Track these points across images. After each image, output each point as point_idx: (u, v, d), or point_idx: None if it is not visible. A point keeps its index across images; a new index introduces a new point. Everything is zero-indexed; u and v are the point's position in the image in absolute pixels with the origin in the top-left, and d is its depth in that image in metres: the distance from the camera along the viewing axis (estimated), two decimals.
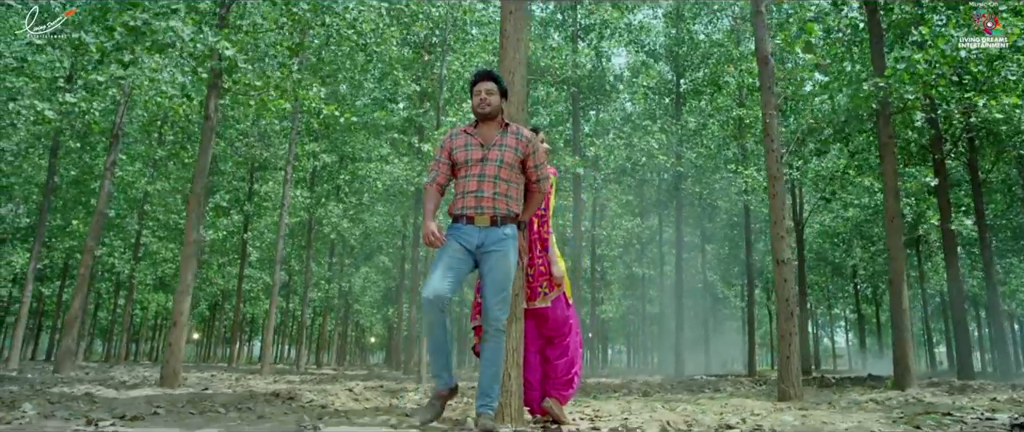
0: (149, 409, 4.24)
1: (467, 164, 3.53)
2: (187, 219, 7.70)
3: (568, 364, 3.91)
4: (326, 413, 4.37)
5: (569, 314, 3.90)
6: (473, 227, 3.47)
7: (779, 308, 6.16)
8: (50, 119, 10.48)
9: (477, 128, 3.63)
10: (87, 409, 4.07)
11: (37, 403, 4.04)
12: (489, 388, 3.39)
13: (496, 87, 3.58)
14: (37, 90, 11.75)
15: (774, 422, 4.14)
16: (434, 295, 3.27)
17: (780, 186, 6.37)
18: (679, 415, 4.24)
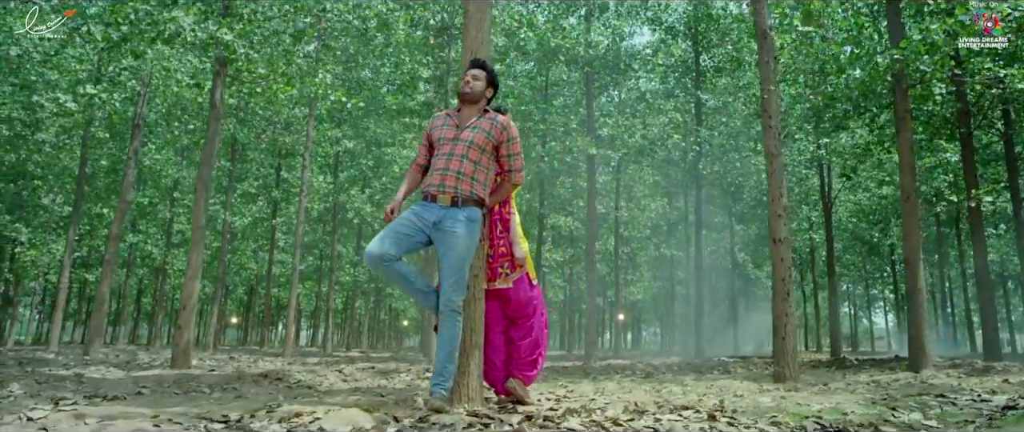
0: (134, 389, 4.37)
1: (440, 142, 3.61)
2: (194, 205, 7.88)
3: (532, 345, 3.90)
4: (305, 392, 4.45)
5: (532, 295, 3.89)
6: (435, 205, 3.50)
7: (775, 288, 6.03)
8: (72, 111, 10.81)
9: (459, 111, 3.68)
10: (73, 389, 4.22)
11: (25, 384, 4.21)
12: (443, 368, 3.41)
13: (483, 74, 3.69)
14: (70, 83, 12.10)
15: (747, 403, 4.08)
16: (370, 254, 3.38)
17: (777, 164, 6.21)
18: (651, 397, 4.20)
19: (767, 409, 3.78)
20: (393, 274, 3.43)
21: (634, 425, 2.96)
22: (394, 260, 3.39)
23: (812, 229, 19.63)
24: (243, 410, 3.16)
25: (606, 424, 3.02)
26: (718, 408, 3.55)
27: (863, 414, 3.63)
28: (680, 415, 3.28)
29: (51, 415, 2.98)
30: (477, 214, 3.53)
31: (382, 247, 3.35)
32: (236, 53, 7.28)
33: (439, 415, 3.11)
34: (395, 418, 2.96)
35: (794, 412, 3.55)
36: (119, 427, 2.79)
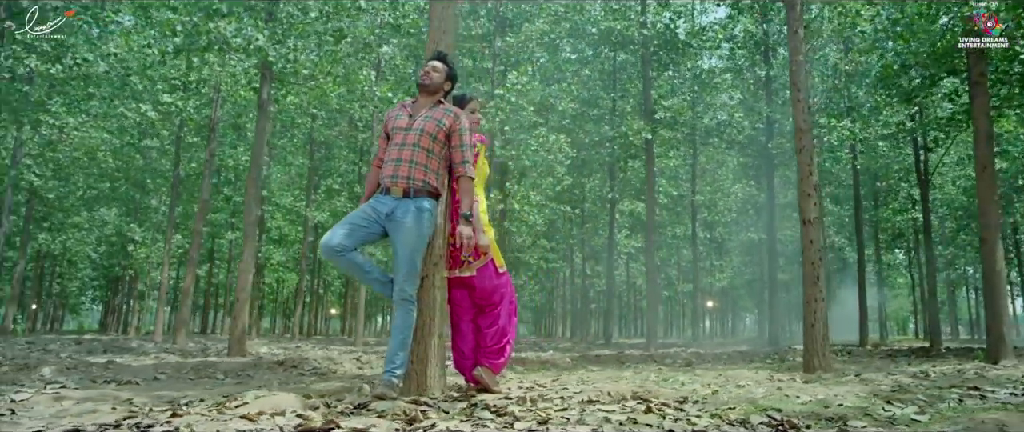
0: (152, 375, 4.71)
1: (394, 132, 3.65)
2: (246, 200, 8.34)
3: (498, 333, 3.88)
4: (311, 378, 4.63)
5: (499, 283, 3.86)
6: (389, 196, 3.54)
7: (805, 272, 5.67)
8: (152, 118, 11.69)
9: (415, 102, 3.72)
10: (97, 374, 4.60)
11: (57, 368, 4.65)
12: (393, 355, 3.46)
13: (443, 68, 3.72)
14: (152, 93, 13.09)
15: (731, 395, 3.87)
16: (323, 245, 3.46)
17: (807, 139, 5.81)
18: (630, 387, 4.07)
19: (740, 400, 3.57)
20: (347, 264, 3.50)
21: (566, 415, 2.89)
22: (348, 250, 3.46)
23: (915, 208, 18.23)
24: (204, 395, 3.34)
25: (545, 412, 2.97)
26: (684, 400, 3.39)
27: (846, 407, 3.36)
28: (623, 406, 3.17)
29: (32, 397, 3.28)
30: (428, 204, 3.54)
31: (336, 238, 3.43)
32: (271, 57, 7.64)
33: (381, 401, 3.16)
34: (326, 404, 3.03)
35: (761, 405, 3.33)
36: (82, 408, 3.02)
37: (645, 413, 2.92)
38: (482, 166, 3.98)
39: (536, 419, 2.82)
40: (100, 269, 33.98)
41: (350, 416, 2.76)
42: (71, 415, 2.83)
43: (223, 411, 2.75)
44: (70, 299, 40.19)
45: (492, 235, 3.89)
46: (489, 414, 2.93)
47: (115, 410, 2.96)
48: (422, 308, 3.65)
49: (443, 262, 3.74)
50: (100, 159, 17.04)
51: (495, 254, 3.87)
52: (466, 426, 2.58)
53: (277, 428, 2.25)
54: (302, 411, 2.82)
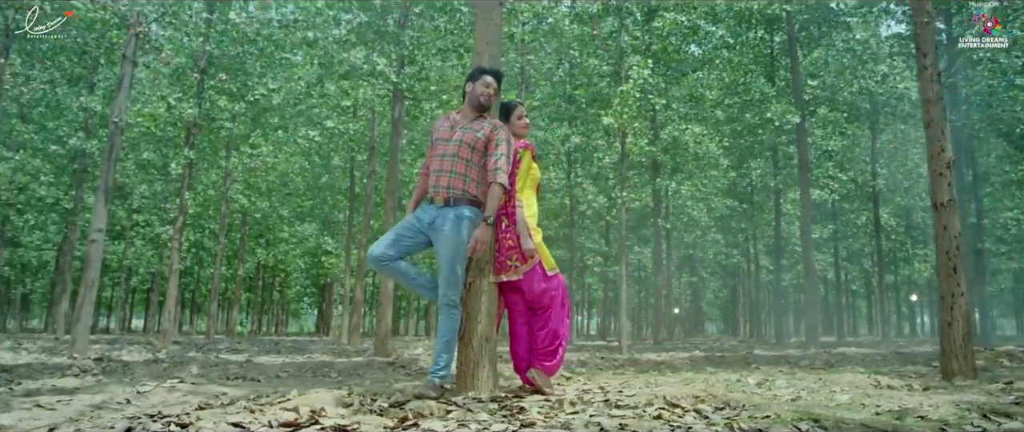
0: (275, 373, 5.34)
1: (436, 144, 3.83)
2: (385, 211, 9.04)
3: (549, 336, 3.89)
4: (408, 377, 4.98)
5: (547, 286, 3.87)
6: (431, 206, 3.74)
7: (939, 262, 4.95)
8: (320, 142, 13.04)
9: (456, 116, 3.90)
10: (235, 372, 5.31)
11: (202, 366, 5.44)
12: (438, 358, 3.63)
13: (498, 88, 3.90)
14: (318, 118, 14.59)
15: (811, 401, 3.53)
16: (370, 256, 3.70)
17: (936, 111, 5.08)
18: (704, 391, 3.87)
19: (789, 406, 3.26)
20: (393, 272, 3.74)
21: (584, 418, 2.86)
22: (392, 260, 3.70)
23: None
24: (281, 390, 3.76)
25: (565, 415, 2.96)
26: (715, 406, 3.19)
27: (924, 421, 2.95)
28: (665, 409, 3.04)
29: (153, 389, 3.90)
30: (468, 212, 3.66)
31: (380, 249, 3.69)
32: (394, 79, 8.23)
33: (418, 401, 3.34)
34: (360, 402, 3.28)
35: (811, 413, 3.02)
36: (175, 398, 3.56)
37: (654, 418, 2.80)
38: (532, 171, 4.02)
39: (549, 422, 2.83)
40: (311, 278, 38.23)
41: (364, 414, 2.97)
42: (162, 405, 3.34)
43: (263, 408, 3.09)
44: (290, 305, 45.81)
45: (539, 239, 3.92)
46: (499, 415, 2.99)
47: (195, 398, 3.45)
48: (469, 312, 3.78)
49: (490, 267, 3.84)
50: (291, 180, 19.28)
51: (544, 257, 3.90)
52: (452, 425, 2.67)
53: (267, 423, 2.50)
54: (333, 408, 3.09)
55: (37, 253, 26.90)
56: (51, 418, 2.98)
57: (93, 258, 7.50)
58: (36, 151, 16.33)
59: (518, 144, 3.95)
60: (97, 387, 4.01)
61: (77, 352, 7.17)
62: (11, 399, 3.60)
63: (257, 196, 20.33)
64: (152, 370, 5.18)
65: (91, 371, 5.04)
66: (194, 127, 12.05)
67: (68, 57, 15.01)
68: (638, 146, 10.20)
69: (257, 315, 37.11)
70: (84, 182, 16.14)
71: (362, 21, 9.35)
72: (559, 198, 21.37)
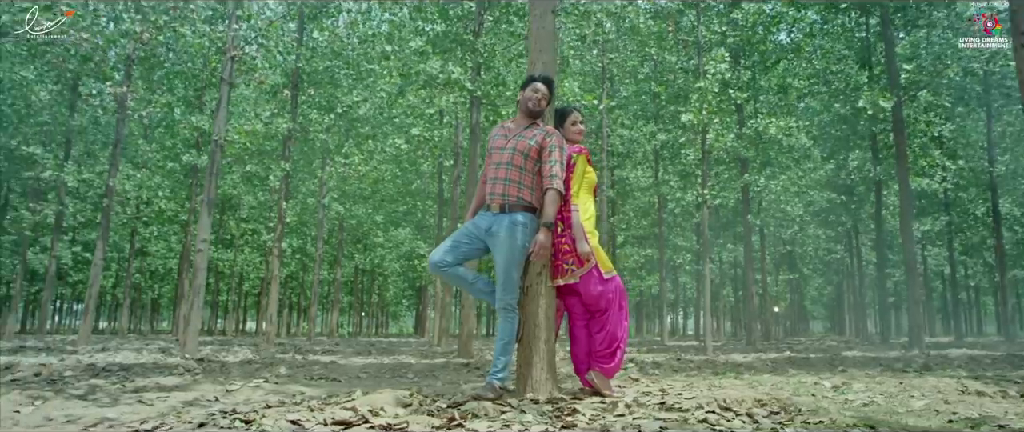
0: (355, 373, 5.63)
1: (491, 153, 3.96)
2: (466, 216, 9.27)
3: (607, 338, 3.91)
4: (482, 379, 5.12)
5: (604, 289, 3.89)
6: (487, 213, 3.86)
7: None
8: (406, 149, 13.51)
9: (511, 124, 4.01)
10: (319, 373, 5.65)
11: (290, 366, 5.80)
12: (496, 360, 3.74)
13: (549, 93, 3.98)
14: (413, 125, 15.10)
15: (877, 407, 3.38)
16: (430, 262, 3.86)
17: None
18: (767, 394, 3.77)
19: (876, 413, 3.13)
20: (451, 277, 3.88)
21: (630, 419, 2.88)
22: (450, 266, 3.84)
23: None
24: (350, 391, 3.99)
25: (609, 418, 2.99)
26: (770, 411, 3.11)
27: (1021, 427, 2.78)
28: (714, 413, 3.01)
29: (240, 388, 4.24)
30: (523, 218, 3.75)
31: (438, 255, 3.84)
32: (469, 87, 8.44)
33: (476, 402, 3.46)
34: (420, 402, 3.43)
35: (873, 419, 2.89)
36: (256, 396, 3.85)
37: (699, 422, 2.77)
38: (587, 174, 4.06)
39: (591, 424, 2.87)
40: (408, 281, 39.52)
41: (419, 414, 3.12)
42: (244, 403, 3.64)
43: (324, 407, 3.30)
44: (389, 307, 47.55)
45: (596, 241, 3.95)
46: (548, 416, 3.05)
47: (269, 396, 3.72)
48: (527, 316, 3.87)
49: (547, 272, 3.91)
50: (383, 187, 20.04)
51: (600, 260, 3.92)
52: (496, 426, 2.76)
53: (323, 421, 2.69)
54: (392, 407, 3.26)
55: (162, 261, 29.33)
56: (148, 413, 3.31)
57: (199, 266, 8.15)
58: (157, 168, 17.84)
59: (572, 149, 4.00)
60: (193, 385, 4.39)
61: (187, 352, 7.81)
62: (120, 395, 4.01)
63: (352, 203, 21.27)
64: (245, 370, 5.58)
65: (192, 371, 5.50)
66: (289, 140, 12.82)
67: (181, 81, 16.32)
68: (720, 142, 9.94)
69: (358, 317, 38.71)
70: (197, 195, 17.48)
71: (438, 31, 9.64)
72: (647, 196, 21.08)
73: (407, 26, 10.56)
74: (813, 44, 12.54)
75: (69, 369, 5.66)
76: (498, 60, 9.24)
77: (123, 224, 21.37)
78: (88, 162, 18.25)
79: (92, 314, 12.33)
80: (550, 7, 4.36)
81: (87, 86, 15.72)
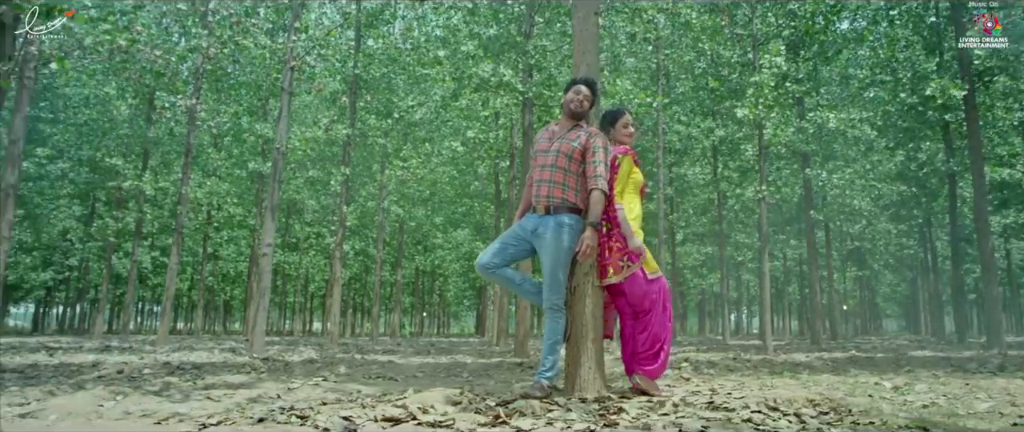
0: (412, 373, 5.79)
1: (536, 155, 4.03)
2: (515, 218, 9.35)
3: (650, 339, 3.91)
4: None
5: (648, 290, 3.90)
6: (533, 215, 3.93)
7: None
8: (461, 152, 13.70)
9: (554, 126, 4.07)
10: (376, 372, 5.84)
11: (349, 365, 6.01)
12: (544, 359, 3.80)
13: (592, 95, 4.02)
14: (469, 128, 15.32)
15: (934, 408, 3.27)
16: (478, 264, 3.96)
17: None
18: (820, 394, 3.70)
19: (934, 414, 3.04)
20: (499, 279, 3.96)
21: (674, 419, 2.89)
22: (498, 267, 3.92)
23: None
24: (397, 390, 4.12)
25: (653, 418, 3.01)
26: (820, 411, 3.06)
27: None
28: (761, 412, 2.98)
29: (301, 386, 4.43)
30: (568, 219, 3.80)
31: (486, 257, 3.92)
32: (520, 89, 8.52)
33: (524, 400, 3.52)
34: (470, 400, 3.52)
35: (930, 420, 2.80)
36: (314, 395, 4.02)
37: (744, 421, 2.76)
38: (633, 175, 4.06)
39: (634, 424, 2.89)
40: (468, 281, 39.98)
41: (468, 412, 3.20)
42: (304, 400, 3.81)
43: (375, 405, 3.43)
44: (450, 307, 48.18)
45: (640, 241, 3.96)
46: (593, 415, 3.09)
47: (326, 394, 3.88)
48: (574, 316, 3.91)
49: (594, 272, 3.94)
50: (441, 189, 20.36)
51: (644, 261, 3.93)
52: (539, 424, 2.82)
53: (373, 418, 2.81)
54: (441, 405, 3.36)
55: (233, 264, 30.58)
56: (214, 408, 3.51)
57: (264, 269, 8.50)
58: (226, 175, 18.64)
59: (618, 150, 4.02)
60: (257, 383, 4.61)
61: (255, 352, 8.17)
62: (191, 391, 4.26)
63: (411, 205, 21.68)
64: (306, 369, 5.81)
65: (258, 369, 5.77)
66: (349, 145, 13.20)
67: (246, 90, 17.01)
68: (777, 137, 9.70)
69: (419, 317, 39.37)
70: (263, 201, 18.18)
71: (490, 35, 9.76)
72: (706, 193, 20.70)
73: (462, 30, 10.73)
74: (878, 31, 12.07)
75: (147, 367, 6.03)
76: (549, 61, 9.29)
77: (196, 229, 22.40)
78: (164, 171, 19.25)
79: (169, 315, 12.99)
80: (593, 9, 4.39)
81: (161, 100, 16.56)
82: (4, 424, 2.96)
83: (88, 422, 3.05)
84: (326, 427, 2.64)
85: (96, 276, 26.65)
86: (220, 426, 2.79)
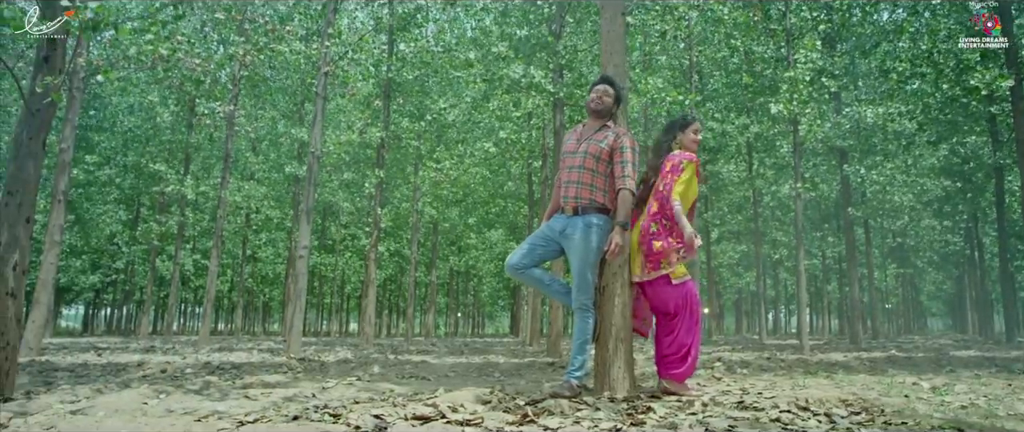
0: (444, 373, 5.87)
1: (564, 157, 4.06)
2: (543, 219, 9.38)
3: (676, 343, 3.90)
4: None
5: (673, 294, 3.87)
6: (562, 215, 3.95)
7: None
8: (493, 153, 13.78)
9: (581, 128, 4.09)
10: (409, 372, 5.93)
11: (382, 365, 6.11)
12: (573, 359, 3.83)
13: (613, 91, 4.02)
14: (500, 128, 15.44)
15: (968, 407, 3.21)
16: (508, 266, 4.00)
17: None
18: (853, 394, 3.66)
19: (971, 415, 2.98)
20: (528, 279, 4.00)
21: (701, 418, 2.90)
22: (527, 268, 3.96)
23: None
24: (428, 390, 4.19)
25: (678, 418, 3.01)
26: (851, 411, 3.02)
27: None
28: (789, 412, 2.96)
29: (336, 386, 4.53)
30: (597, 220, 3.82)
31: (515, 258, 3.96)
32: (550, 89, 8.55)
33: (553, 399, 3.56)
34: (499, 399, 3.56)
35: (962, 421, 2.75)
36: (348, 394, 4.11)
37: (772, 421, 2.74)
38: (693, 186, 4.00)
39: (661, 423, 2.90)
40: (502, 281, 40.08)
41: (497, 411, 3.25)
42: (338, 399, 3.90)
43: (406, 404, 3.50)
44: (485, 307, 48.38)
45: (689, 240, 3.88)
46: (622, 415, 3.10)
47: (358, 393, 3.96)
48: (603, 316, 3.93)
49: (624, 271, 3.94)
50: (474, 190, 20.49)
51: (667, 263, 3.90)
52: (567, 423, 2.84)
53: (403, 416, 2.87)
54: (471, 404, 3.41)
55: (272, 266, 31.21)
56: (251, 407, 3.62)
57: (300, 272, 8.68)
58: (264, 178, 19.06)
59: (684, 155, 3.98)
60: (293, 383, 4.73)
61: (292, 352, 8.35)
62: (230, 390, 4.39)
63: (445, 207, 21.86)
64: (341, 369, 5.93)
65: (294, 369, 5.91)
66: (383, 148, 13.38)
67: (282, 96, 17.36)
68: (812, 133, 9.55)
69: (454, 318, 39.61)
70: (299, 204, 18.53)
71: (520, 36, 9.80)
72: (742, 191, 20.42)
73: (494, 32, 10.79)
74: (919, 22, 11.77)
75: (189, 367, 6.22)
76: (580, 61, 9.30)
77: (235, 232, 22.91)
78: (204, 176, 19.75)
79: (210, 317, 13.34)
80: (620, 9, 4.40)
81: (202, 106, 17.02)
82: (58, 421, 3.11)
83: (133, 419, 3.17)
84: (358, 425, 2.71)
85: (141, 278, 27.45)
86: (256, 424, 2.88)
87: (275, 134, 19.29)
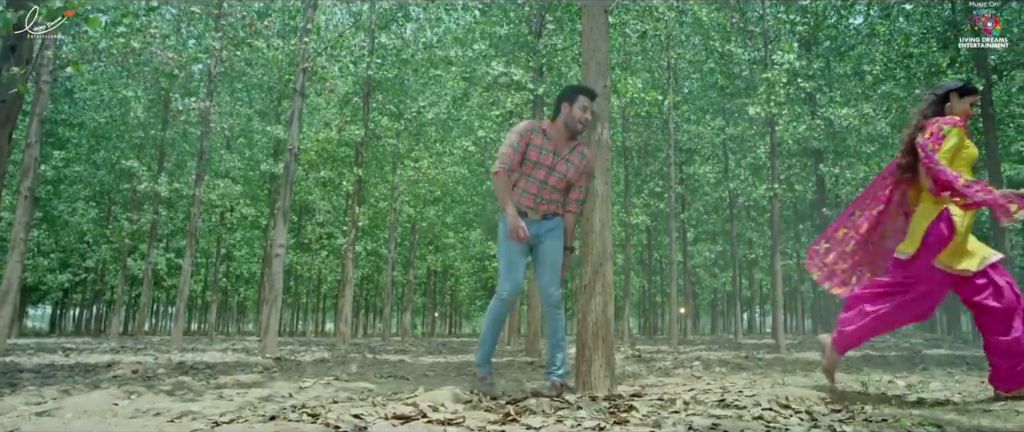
0: (422, 372, 5.81)
1: (535, 166, 3.87)
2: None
3: None
4: None
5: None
6: (529, 220, 3.88)
7: None
8: (472, 151, 13.71)
9: (550, 133, 3.90)
10: (388, 371, 5.86)
11: (360, 363, 6.03)
12: (552, 358, 3.80)
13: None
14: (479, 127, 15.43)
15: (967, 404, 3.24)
16: (513, 297, 3.89)
17: None
18: (831, 390, 3.67)
19: (947, 412, 3.01)
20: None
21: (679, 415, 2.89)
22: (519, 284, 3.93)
23: None
24: (409, 389, 4.13)
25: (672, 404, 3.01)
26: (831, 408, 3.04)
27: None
28: (771, 410, 2.96)
29: (313, 385, 4.46)
30: (560, 221, 3.91)
31: (513, 284, 3.86)
32: (529, 86, 8.52)
33: (534, 398, 3.53)
34: (480, 398, 3.52)
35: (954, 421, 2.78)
36: (327, 393, 4.04)
37: (754, 419, 2.74)
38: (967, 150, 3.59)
39: (643, 421, 2.89)
40: (480, 281, 40.01)
41: (477, 410, 3.21)
42: (315, 399, 3.83)
43: (386, 403, 3.44)
44: (462, 307, 48.27)
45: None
46: (603, 413, 3.09)
47: (334, 392, 3.90)
48: (585, 314, 3.90)
49: (605, 269, 3.93)
50: (453, 189, 20.42)
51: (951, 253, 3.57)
52: (549, 421, 2.82)
53: (384, 416, 2.82)
54: (451, 403, 3.37)
55: (247, 265, 30.80)
56: (226, 407, 3.54)
57: (276, 271, 8.55)
58: (239, 176, 18.77)
59: (945, 120, 3.55)
60: (269, 382, 4.65)
61: (267, 352, 8.22)
62: (204, 390, 4.30)
63: (423, 205, 21.75)
64: (318, 369, 5.85)
65: (270, 369, 5.81)
66: (361, 146, 13.25)
67: (258, 93, 17.12)
68: (789, 133, 9.65)
69: (431, 317, 39.45)
70: (276, 202, 18.29)
71: (500, 34, 9.76)
72: (717, 192, 20.59)
73: (474, 31, 10.73)
74: (891, 26, 11.95)
75: (161, 367, 6.09)
76: (560, 60, 9.28)
77: (210, 230, 22.56)
78: (178, 173, 19.41)
79: (183, 316, 13.10)
80: (603, 6, 4.38)
81: (176, 102, 16.74)
82: (22, 423, 3.00)
83: (103, 420, 3.08)
84: (337, 425, 2.66)
85: (112, 277, 26.94)
86: (232, 424, 2.82)
87: (250, 131, 19.02)
